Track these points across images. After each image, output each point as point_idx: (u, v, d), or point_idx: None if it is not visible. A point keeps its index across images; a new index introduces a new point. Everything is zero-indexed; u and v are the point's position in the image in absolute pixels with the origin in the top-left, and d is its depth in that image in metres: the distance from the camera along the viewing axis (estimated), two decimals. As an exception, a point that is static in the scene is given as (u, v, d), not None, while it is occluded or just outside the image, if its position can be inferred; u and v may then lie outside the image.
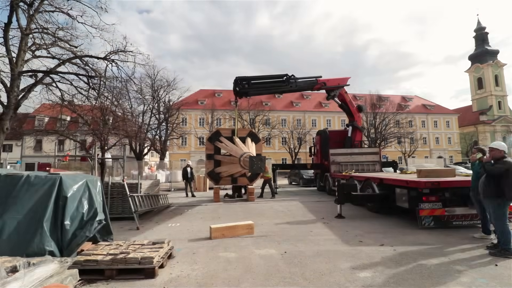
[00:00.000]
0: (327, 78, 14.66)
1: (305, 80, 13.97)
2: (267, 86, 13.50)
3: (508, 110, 55.24)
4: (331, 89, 14.70)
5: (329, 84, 14.53)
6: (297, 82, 13.51)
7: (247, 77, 12.82)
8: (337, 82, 14.88)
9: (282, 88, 13.64)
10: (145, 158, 24.73)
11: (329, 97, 15.14)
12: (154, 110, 25.13)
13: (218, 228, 5.83)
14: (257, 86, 13.07)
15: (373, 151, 13.80)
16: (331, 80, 14.80)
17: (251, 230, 5.99)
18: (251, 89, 12.78)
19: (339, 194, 7.63)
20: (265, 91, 14.28)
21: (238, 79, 12.38)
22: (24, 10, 9.94)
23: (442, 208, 5.92)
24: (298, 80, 13.54)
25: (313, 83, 14.11)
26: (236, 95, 12.65)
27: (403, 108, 48.67)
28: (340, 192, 7.63)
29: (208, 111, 38.30)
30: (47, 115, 23.11)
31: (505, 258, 4.21)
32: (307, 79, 14.05)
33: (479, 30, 58.14)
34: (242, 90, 12.52)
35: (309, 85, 14.19)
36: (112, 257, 3.79)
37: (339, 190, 7.65)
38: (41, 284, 2.84)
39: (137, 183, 8.40)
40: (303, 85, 14.06)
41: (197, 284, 3.53)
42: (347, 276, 3.67)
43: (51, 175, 4.48)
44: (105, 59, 10.93)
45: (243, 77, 12.64)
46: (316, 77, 14.19)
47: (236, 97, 12.77)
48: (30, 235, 3.90)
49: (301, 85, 13.92)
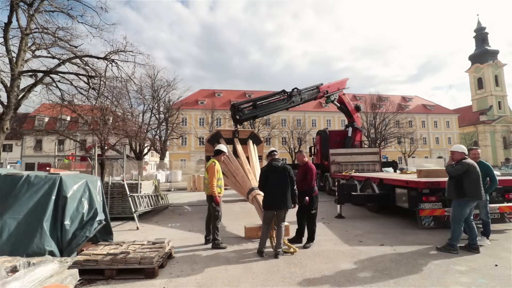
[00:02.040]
0: (327, 85, 14.47)
1: (308, 92, 13.57)
2: (270, 107, 12.08)
3: (508, 110, 55.28)
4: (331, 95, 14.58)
5: (330, 91, 14.36)
6: (302, 95, 12.95)
7: (246, 101, 11.58)
8: (337, 87, 14.77)
9: (285, 105, 12.51)
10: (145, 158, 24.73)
11: (328, 101, 14.93)
12: (154, 110, 25.17)
13: (252, 228, 5.67)
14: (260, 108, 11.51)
15: (373, 151, 13.79)
16: (332, 85, 14.64)
17: (286, 231, 5.61)
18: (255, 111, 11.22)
19: (339, 194, 7.63)
20: (268, 113, 12.60)
21: (235, 105, 10.88)
22: (24, 10, 9.93)
23: (442, 208, 5.92)
24: (302, 92, 13.00)
25: (316, 93, 13.81)
26: (237, 123, 10.90)
27: (403, 108, 48.67)
28: (340, 192, 7.63)
29: (208, 111, 38.31)
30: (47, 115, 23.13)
31: (448, 252, 4.47)
32: (309, 90, 13.65)
33: (479, 30, 58.16)
34: (244, 117, 11.06)
35: (312, 95, 13.75)
36: (112, 257, 3.79)
37: (339, 190, 7.65)
38: (41, 284, 2.83)
39: (137, 183, 8.40)
40: (307, 97, 13.52)
41: (197, 284, 3.53)
42: (347, 276, 3.67)
43: (51, 175, 4.47)
44: (105, 59, 10.93)
45: (240, 102, 11.30)
46: (317, 86, 13.93)
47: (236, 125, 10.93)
48: (30, 235, 3.89)
49: (305, 97, 13.32)
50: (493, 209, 6.01)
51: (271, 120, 39.33)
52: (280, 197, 4.56)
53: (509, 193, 6.19)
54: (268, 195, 4.68)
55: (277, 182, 4.62)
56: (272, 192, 4.62)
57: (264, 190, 4.77)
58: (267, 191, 4.70)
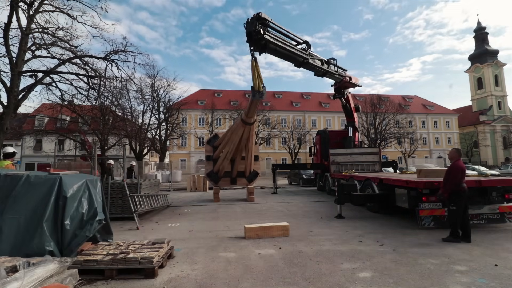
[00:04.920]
0: (350, 75, 14.13)
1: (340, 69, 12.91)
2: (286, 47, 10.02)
3: (508, 110, 55.23)
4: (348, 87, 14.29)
5: (352, 81, 14.12)
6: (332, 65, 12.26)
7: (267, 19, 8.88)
8: (355, 81, 14.56)
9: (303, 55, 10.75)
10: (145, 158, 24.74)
11: (337, 96, 14.68)
12: (154, 110, 25.16)
13: (252, 228, 5.65)
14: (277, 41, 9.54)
15: (373, 151, 13.80)
16: (353, 78, 14.38)
17: (286, 231, 5.75)
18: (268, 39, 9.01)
19: (339, 194, 7.63)
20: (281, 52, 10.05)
21: (255, 17, 8.56)
22: (24, 10, 9.94)
23: (442, 208, 5.91)
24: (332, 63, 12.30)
25: (343, 75, 13.28)
26: (250, 43, 8.69)
27: (403, 108, 48.67)
28: (340, 192, 7.63)
29: (208, 111, 38.31)
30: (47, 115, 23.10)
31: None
32: (340, 67, 12.99)
33: (479, 30, 58.11)
34: (258, 38, 8.59)
35: (340, 75, 13.04)
36: (112, 257, 3.79)
37: (339, 190, 7.65)
38: (41, 284, 2.83)
39: (137, 183, 8.41)
40: (333, 71, 12.56)
41: (197, 284, 3.53)
42: (347, 276, 3.67)
43: (51, 175, 4.47)
44: (105, 59, 10.94)
45: (261, 16, 8.69)
46: (344, 70, 13.54)
47: (251, 48, 8.71)
48: (30, 235, 3.89)
49: (331, 71, 12.38)
50: (493, 209, 6.03)
51: (271, 120, 39.35)
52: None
53: (509, 193, 6.18)
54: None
55: None
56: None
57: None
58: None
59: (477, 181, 6.07)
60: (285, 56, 10.48)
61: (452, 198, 5.22)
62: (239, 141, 10.26)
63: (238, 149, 10.65)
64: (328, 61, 12.47)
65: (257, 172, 11.96)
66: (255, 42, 8.64)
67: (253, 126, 10.16)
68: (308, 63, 11.27)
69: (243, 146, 10.63)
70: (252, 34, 8.47)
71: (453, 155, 5.57)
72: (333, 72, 12.84)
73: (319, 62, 12.11)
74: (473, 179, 6.40)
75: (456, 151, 5.61)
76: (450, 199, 5.25)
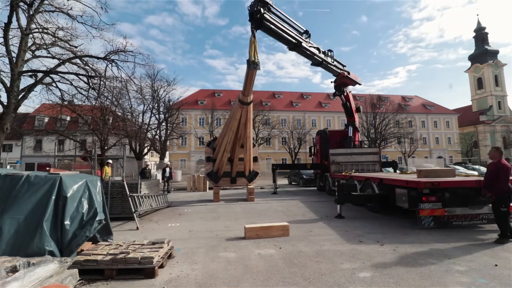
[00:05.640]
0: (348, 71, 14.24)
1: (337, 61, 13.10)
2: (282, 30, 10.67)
3: (508, 110, 55.19)
4: (348, 84, 14.27)
5: (351, 76, 14.18)
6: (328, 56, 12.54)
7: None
8: (355, 78, 14.62)
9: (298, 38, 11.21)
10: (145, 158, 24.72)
11: (337, 94, 14.73)
12: (154, 110, 25.12)
13: (252, 228, 5.63)
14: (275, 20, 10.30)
15: (373, 151, 13.80)
16: (352, 75, 14.43)
17: (286, 231, 5.73)
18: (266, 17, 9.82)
19: (339, 194, 7.62)
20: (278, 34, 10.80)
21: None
22: (24, 10, 9.94)
23: (442, 208, 5.92)
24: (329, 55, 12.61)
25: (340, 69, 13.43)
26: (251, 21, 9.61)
27: (403, 108, 48.65)
28: (340, 192, 7.62)
29: (208, 111, 38.27)
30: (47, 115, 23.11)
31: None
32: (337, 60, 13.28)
33: (479, 30, 58.10)
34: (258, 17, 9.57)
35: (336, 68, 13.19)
36: (112, 257, 3.79)
37: (339, 190, 7.65)
38: (41, 284, 2.84)
39: (137, 183, 8.40)
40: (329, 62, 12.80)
41: (197, 284, 3.53)
42: (347, 276, 3.67)
43: (51, 175, 4.48)
44: (105, 59, 10.93)
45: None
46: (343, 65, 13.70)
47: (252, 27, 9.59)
48: (30, 235, 3.89)
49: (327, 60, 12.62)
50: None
51: (271, 120, 39.34)
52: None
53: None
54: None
55: None
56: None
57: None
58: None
59: (477, 181, 6.07)
60: (280, 36, 11.00)
61: (503, 199, 4.98)
62: (237, 126, 10.27)
63: (236, 137, 10.63)
64: (325, 51, 12.69)
65: (257, 172, 11.98)
66: (255, 20, 9.64)
67: (250, 108, 10.08)
68: (301, 46, 11.64)
69: (242, 133, 10.52)
70: (254, 14, 9.54)
71: (495, 154, 5.24)
72: (329, 62, 13.06)
73: (316, 51, 12.37)
74: (473, 179, 6.41)
75: (496, 150, 5.28)
76: (501, 200, 4.99)
